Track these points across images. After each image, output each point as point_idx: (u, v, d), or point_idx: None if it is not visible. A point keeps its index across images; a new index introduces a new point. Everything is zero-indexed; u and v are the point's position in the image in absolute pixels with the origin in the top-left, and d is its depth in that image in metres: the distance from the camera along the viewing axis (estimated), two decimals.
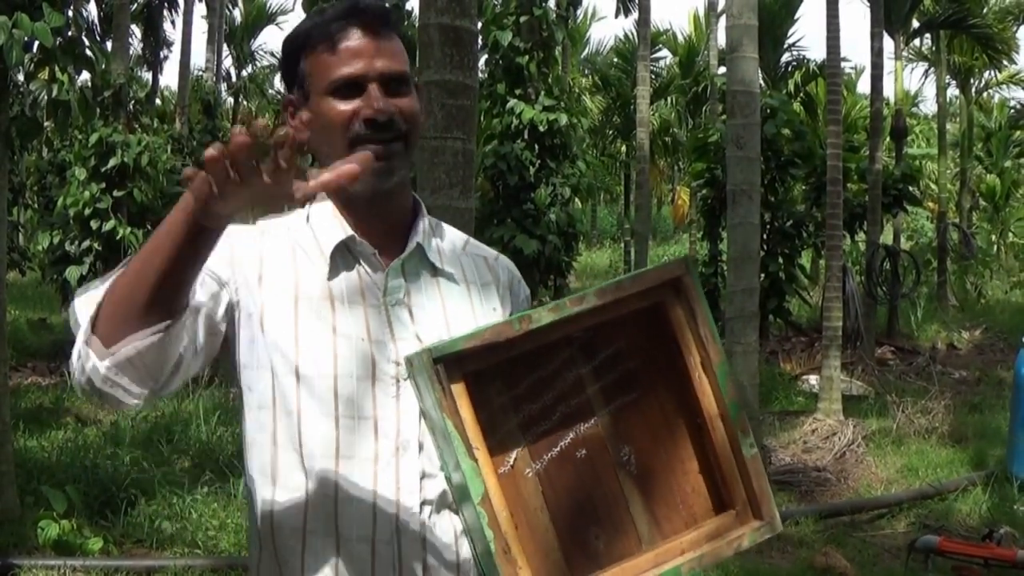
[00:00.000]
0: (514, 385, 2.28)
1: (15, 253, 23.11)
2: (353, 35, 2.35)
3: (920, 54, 33.83)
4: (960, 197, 36.69)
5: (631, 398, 2.39)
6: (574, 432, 2.34)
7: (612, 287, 2.24)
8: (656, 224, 49.40)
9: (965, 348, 21.68)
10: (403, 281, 2.42)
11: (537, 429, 2.31)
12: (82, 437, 12.29)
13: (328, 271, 2.39)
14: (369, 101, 2.32)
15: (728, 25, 10.95)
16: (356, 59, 2.34)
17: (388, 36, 2.39)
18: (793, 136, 20.75)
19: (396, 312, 2.40)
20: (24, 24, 8.47)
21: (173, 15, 33.37)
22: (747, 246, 10.67)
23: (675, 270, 2.31)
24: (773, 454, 12.14)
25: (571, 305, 2.19)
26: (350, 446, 2.31)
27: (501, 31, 16.73)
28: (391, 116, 2.33)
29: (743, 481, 2.34)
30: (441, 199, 5.78)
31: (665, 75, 39.23)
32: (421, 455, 2.34)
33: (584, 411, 2.36)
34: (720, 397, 2.32)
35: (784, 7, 29.25)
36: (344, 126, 2.34)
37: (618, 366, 2.39)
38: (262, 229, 2.45)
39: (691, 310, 2.33)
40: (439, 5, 5.82)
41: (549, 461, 2.31)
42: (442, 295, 2.49)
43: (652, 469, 2.40)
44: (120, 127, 15.67)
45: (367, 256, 2.41)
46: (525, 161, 17.01)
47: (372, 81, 2.33)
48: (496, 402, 2.26)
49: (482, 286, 2.59)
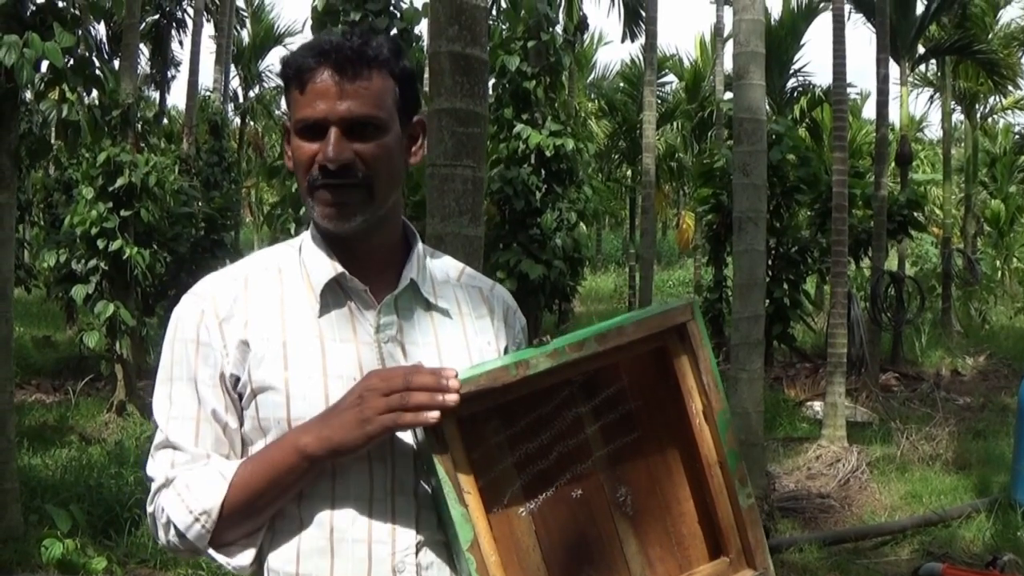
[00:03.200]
0: (512, 423, 2.29)
1: (21, 270, 23.08)
2: (321, 76, 2.33)
3: (926, 80, 33.82)
4: (965, 223, 36.63)
5: (631, 439, 2.41)
6: (570, 472, 2.36)
7: (614, 332, 2.23)
8: (661, 249, 49.36)
9: (969, 374, 21.62)
10: (396, 317, 2.42)
11: (533, 468, 2.32)
12: (86, 456, 12.31)
13: (319, 309, 2.39)
14: (325, 147, 2.32)
15: (735, 52, 10.96)
16: (320, 101, 2.32)
17: (360, 77, 2.34)
18: (799, 162, 20.78)
19: (389, 349, 2.40)
20: (35, 44, 8.49)
21: (181, 35, 33.48)
22: (753, 273, 10.67)
23: (680, 316, 2.31)
24: (777, 480, 12.13)
25: (570, 351, 2.19)
26: (345, 487, 2.31)
27: (509, 56, 16.76)
28: (345, 163, 2.31)
29: (739, 530, 2.35)
30: (450, 226, 5.79)
31: (671, 100, 39.25)
32: (416, 493, 2.34)
33: (582, 451, 2.37)
34: (720, 446, 2.33)
35: (790, 33, 29.29)
36: (306, 168, 2.36)
37: (619, 406, 2.40)
38: (246, 279, 2.45)
39: (695, 356, 2.33)
40: (450, 34, 5.83)
41: (544, 500, 2.33)
42: (436, 330, 2.48)
43: (648, 511, 2.41)
44: (128, 147, 15.69)
45: (358, 293, 2.41)
46: (531, 186, 17.02)
47: (333, 125, 2.32)
48: (492, 440, 2.27)
49: (477, 319, 2.57)
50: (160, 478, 2.33)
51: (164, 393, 2.40)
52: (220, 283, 2.45)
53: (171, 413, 2.37)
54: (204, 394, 2.35)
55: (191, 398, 2.36)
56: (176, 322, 2.42)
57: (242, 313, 2.38)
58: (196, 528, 2.27)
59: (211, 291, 2.42)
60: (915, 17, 23.98)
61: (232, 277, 2.46)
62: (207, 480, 2.28)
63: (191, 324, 2.39)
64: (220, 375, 2.35)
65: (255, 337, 2.35)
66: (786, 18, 29.43)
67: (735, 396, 10.36)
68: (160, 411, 2.39)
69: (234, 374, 2.35)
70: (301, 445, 2.21)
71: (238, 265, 2.52)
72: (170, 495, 2.30)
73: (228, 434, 2.36)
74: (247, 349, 2.35)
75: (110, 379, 16.64)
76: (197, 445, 2.34)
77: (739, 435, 10.20)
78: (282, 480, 2.24)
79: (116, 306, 15.57)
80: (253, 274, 2.46)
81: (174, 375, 2.39)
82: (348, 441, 2.17)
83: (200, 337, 2.37)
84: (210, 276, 2.49)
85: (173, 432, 2.35)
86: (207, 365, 2.35)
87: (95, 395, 17.24)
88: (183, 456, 2.33)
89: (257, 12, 40.02)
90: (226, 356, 2.35)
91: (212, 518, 2.26)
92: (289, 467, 2.23)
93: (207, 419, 2.35)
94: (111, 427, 15.16)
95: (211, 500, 2.25)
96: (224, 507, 2.25)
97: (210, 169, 23.80)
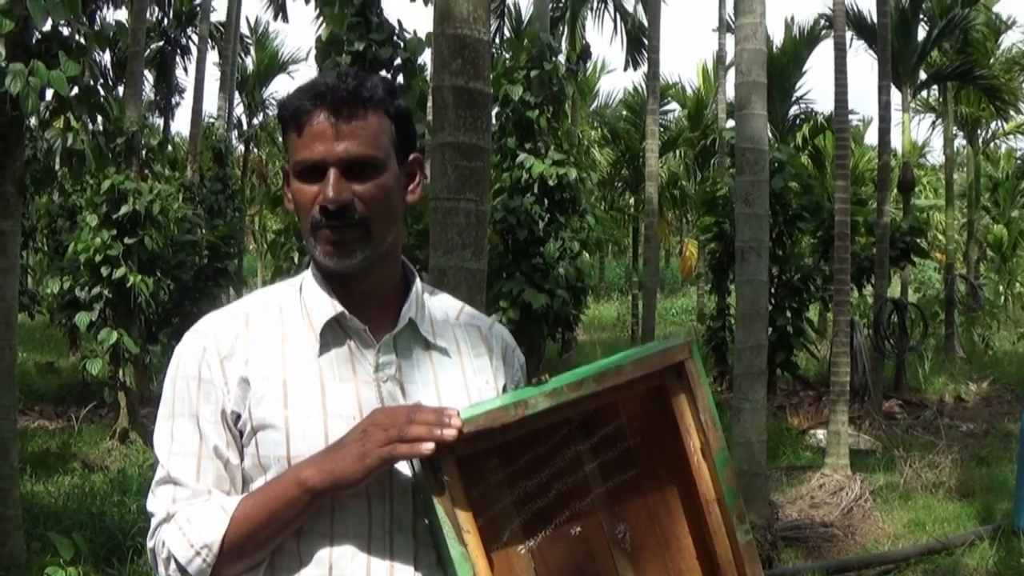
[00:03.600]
0: (511, 462, 2.31)
1: (24, 296, 23.12)
2: (317, 118, 2.35)
3: (927, 105, 33.82)
4: (967, 248, 36.64)
5: (629, 476, 2.42)
6: (570, 509, 2.37)
7: (613, 371, 2.24)
8: (664, 277, 49.30)
9: (973, 400, 21.59)
10: (395, 357, 2.44)
11: (532, 506, 2.34)
12: (89, 483, 12.30)
13: (319, 348, 2.41)
14: (325, 188, 2.34)
15: (737, 82, 10.99)
16: (317, 143, 2.34)
17: (356, 117, 2.36)
18: (801, 190, 20.82)
19: (388, 388, 2.40)
20: (40, 72, 8.52)
21: (185, 62, 33.68)
22: (755, 303, 10.69)
23: (678, 354, 2.31)
24: (780, 510, 12.12)
25: (568, 391, 2.19)
26: (344, 524, 2.31)
27: (512, 85, 16.75)
28: (344, 204, 2.34)
29: (737, 566, 2.34)
30: (454, 260, 5.80)
31: (674, 128, 39.23)
32: (415, 530, 2.35)
33: (581, 489, 2.38)
34: (717, 483, 2.32)
35: (792, 60, 29.33)
36: (306, 210, 2.38)
37: (617, 443, 2.41)
38: (247, 317, 2.47)
39: (693, 394, 2.32)
40: (453, 68, 5.85)
41: (543, 538, 2.34)
42: (434, 369, 2.49)
43: (647, 547, 2.41)
44: (132, 174, 15.72)
45: (357, 332, 2.43)
46: (534, 215, 17.01)
47: (331, 166, 2.34)
48: (491, 478, 2.29)
49: (475, 358, 2.58)
50: (161, 513, 2.34)
51: (166, 429, 2.41)
52: (222, 321, 2.46)
53: (172, 449, 2.38)
54: (206, 431, 2.36)
55: (193, 435, 2.37)
56: (178, 359, 2.44)
57: (243, 351, 2.40)
58: (197, 562, 2.27)
59: (213, 329, 2.44)
60: (916, 43, 24.04)
61: (234, 315, 2.47)
62: (209, 514, 2.29)
63: (193, 361, 2.40)
64: (222, 412, 2.36)
65: (255, 375, 2.37)
66: (788, 45, 29.46)
67: (738, 425, 10.37)
68: (161, 447, 2.40)
69: (235, 411, 2.36)
70: (303, 478, 2.23)
71: (239, 303, 2.54)
72: (171, 529, 2.30)
73: (229, 470, 2.37)
74: (247, 387, 2.36)
75: (113, 406, 16.64)
76: (198, 481, 2.34)
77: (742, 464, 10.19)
78: (283, 514, 2.25)
79: (119, 333, 15.60)
80: (254, 312, 2.47)
81: (176, 411, 2.40)
82: (348, 474, 2.19)
83: (202, 374, 2.38)
84: (212, 314, 2.51)
85: (175, 468, 2.35)
86: (209, 402, 2.37)
87: (98, 422, 17.25)
88: (184, 491, 2.34)
89: (261, 40, 40.14)
90: (227, 393, 2.36)
91: (213, 552, 2.26)
92: (290, 501, 2.24)
93: (208, 455, 2.35)
94: (114, 454, 15.17)
95: (212, 534, 2.26)
96: (225, 541, 2.26)
97: (214, 197, 23.80)
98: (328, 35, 13.54)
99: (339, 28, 13.39)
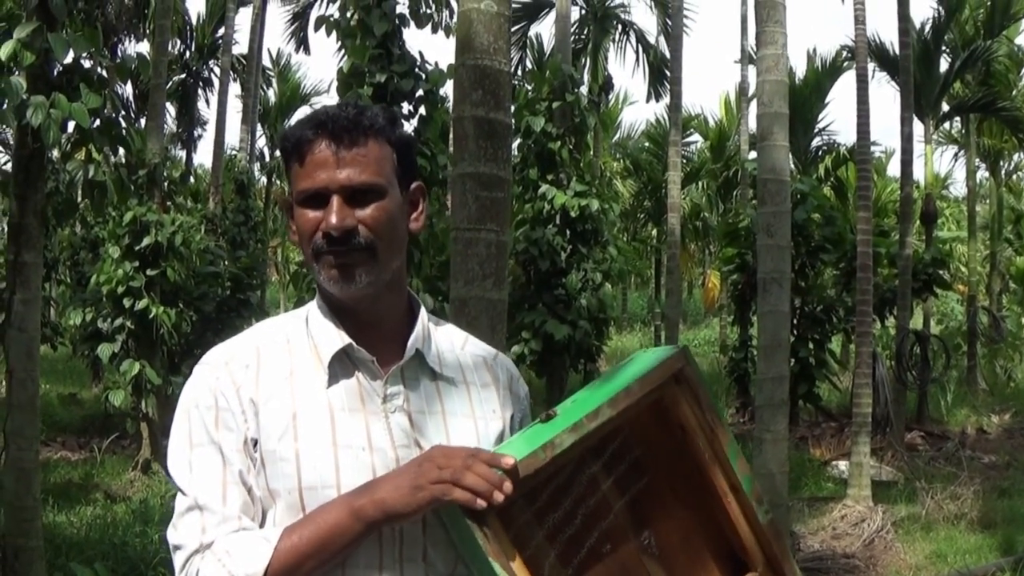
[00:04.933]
0: (535, 499, 2.34)
1: (47, 328, 23.15)
2: (319, 147, 2.37)
3: (950, 137, 33.84)
4: (990, 280, 36.54)
5: (643, 483, 2.47)
6: (597, 530, 2.41)
7: (623, 394, 2.28)
8: (687, 308, 49.28)
9: (995, 432, 21.53)
10: (402, 387, 2.44)
11: (563, 535, 2.37)
12: (111, 514, 12.33)
13: (327, 380, 2.41)
14: (327, 215, 2.35)
15: (759, 113, 10.98)
16: (320, 171, 2.36)
17: (357, 144, 2.38)
18: (823, 221, 20.81)
19: (396, 419, 2.41)
20: (62, 104, 8.54)
21: (208, 94, 33.78)
22: (777, 334, 10.65)
23: (675, 363, 2.37)
24: (802, 540, 12.09)
25: (588, 422, 2.23)
26: (355, 556, 2.30)
27: (534, 117, 16.81)
28: (348, 229, 2.35)
29: (761, 544, 2.40)
30: (474, 290, 5.80)
31: (696, 159, 39.31)
32: (426, 559, 2.35)
33: (603, 508, 2.43)
34: (732, 474, 2.38)
35: (814, 92, 29.34)
36: (309, 237, 2.39)
37: (626, 456, 2.46)
38: (258, 349, 2.47)
39: (695, 396, 2.38)
40: (474, 98, 5.86)
41: (579, 563, 2.37)
42: (442, 400, 2.50)
43: (672, 547, 2.47)
44: (154, 206, 15.79)
45: (365, 363, 2.43)
46: (556, 246, 17.04)
47: (334, 193, 2.35)
48: (521, 519, 2.31)
49: (482, 387, 2.59)
50: (192, 543, 2.30)
51: (183, 461, 2.38)
52: (232, 352, 2.46)
53: (194, 478, 2.35)
54: (230, 456, 2.34)
55: (215, 462, 2.35)
56: (191, 391, 2.43)
57: (253, 383, 2.40)
58: None
59: (224, 359, 2.44)
60: (939, 75, 24.06)
61: (243, 347, 2.47)
62: (250, 545, 2.25)
63: (207, 392, 2.39)
64: (243, 439, 2.35)
65: (265, 408, 2.37)
66: (810, 76, 29.49)
67: (759, 457, 10.33)
68: (181, 477, 2.37)
69: (254, 437, 2.35)
70: (356, 507, 2.22)
71: (247, 335, 2.53)
72: (209, 561, 2.26)
73: (252, 495, 2.34)
74: (258, 416, 2.36)
75: (135, 437, 16.70)
76: (226, 505, 2.31)
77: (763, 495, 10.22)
78: (333, 544, 2.24)
79: (142, 365, 15.65)
80: (263, 345, 2.48)
81: (194, 441, 2.38)
82: (400, 506, 2.19)
83: (219, 403, 2.37)
84: (221, 346, 2.51)
85: (200, 495, 2.32)
86: (229, 430, 2.36)
87: (120, 453, 17.30)
88: (213, 517, 2.30)
89: (283, 72, 40.30)
90: (246, 421, 2.36)
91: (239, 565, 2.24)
92: (342, 530, 2.23)
93: (234, 481, 2.33)
94: (136, 485, 15.20)
95: (255, 566, 2.23)
96: (268, 572, 2.22)
97: (236, 228, 23.87)
98: (350, 67, 13.58)
99: (360, 60, 13.44)
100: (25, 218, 9.05)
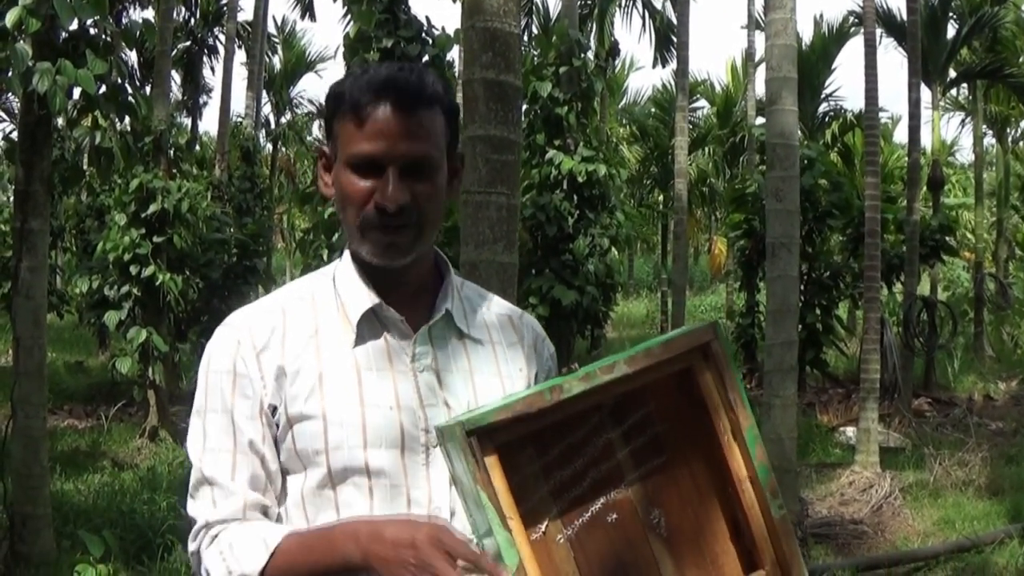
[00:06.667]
0: (545, 452, 2.30)
1: (53, 296, 23.20)
2: (381, 111, 2.28)
3: (957, 104, 33.77)
4: (997, 247, 36.54)
5: (660, 461, 2.42)
6: (605, 497, 2.37)
7: (642, 354, 2.24)
8: (693, 274, 49.27)
9: (1002, 399, 21.51)
10: (431, 347, 2.41)
11: (568, 495, 2.34)
12: (119, 481, 12.35)
13: (355, 339, 2.38)
14: (384, 187, 2.28)
15: (767, 78, 10.96)
16: (379, 138, 2.28)
17: (419, 114, 2.30)
18: (831, 187, 20.77)
19: (424, 379, 2.39)
20: (67, 71, 8.52)
21: (213, 61, 33.83)
22: (786, 299, 10.64)
23: (703, 336, 2.32)
24: (810, 507, 12.09)
25: (601, 374, 2.20)
26: (382, 515, 2.30)
27: (541, 82, 16.76)
28: (403, 206, 2.28)
29: (772, 542, 2.35)
30: (485, 254, 5.78)
31: (703, 125, 39.16)
32: (452, 521, 2.33)
33: (614, 476, 2.38)
34: (749, 460, 2.33)
35: (822, 58, 29.26)
36: (358, 206, 2.32)
37: (647, 430, 2.41)
38: (283, 309, 2.43)
39: (720, 375, 2.33)
40: (483, 61, 5.82)
41: (580, 527, 2.34)
42: (469, 359, 2.49)
43: (682, 531, 2.41)
44: (160, 173, 15.77)
45: (394, 323, 2.40)
46: (564, 212, 17.00)
47: (391, 164, 2.28)
48: (527, 469, 2.28)
49: (508, 346, 2.58)
50: (201, 519, 2.34)
51: (198, 427, 2.39)
52: (256, 314, 2.43)
53: (206, 446, 2.36)
54: (241, 424, 2.33)
55: (226, 430, 2.35)
56: (210, 354, 2.41)
57: (279, 343, 2.37)
58: None
59: (247, 322, 2.41)
60: (946, 41, 23.97)
61: (268, 309, 2.44)
62: (250, 544, 2.27)
63: (226, 355, 2.38)
64: (260, 406, 2.34)
65: (291, 367, 2.34)
66: (817, 43, 29.40)
67: (768, 422, 10.34)
68: (194, 446, 2.38)
69: (272, 403, 2.33)
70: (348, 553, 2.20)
71: (272, 297, 2.50)
72: (213, 551, 2.30)
73: (265, 466, 2.34)
74: (284, 379, 2.34)
75: (142, 405, 16.71)
76: (234, 479, 2.32)
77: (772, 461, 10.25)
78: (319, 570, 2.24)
79: (148, 332, 15.64)
80: (289, 304, 2.44)
81: (208, 407, 2.38)
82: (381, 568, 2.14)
83: (237, 368, 2.35)
84: (245, 308, 2.48)
85: (208, 466, 2.34)
86: (244, 396, 2.34)
87: (127, 420, 17.30)
88: (221, 492, 2.33)
89: (288, 39, 40.28)
90: (264, 387, 2.33)
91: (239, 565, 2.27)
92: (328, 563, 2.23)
93: (244, 451, 2.33)
94: (143, 452, 15.21)
95: (251, 566, 2.25)
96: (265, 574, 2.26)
97: (242, 195, 23.86)
98: (356, 33, 13.56)
99: (367, 26, 13.41)
100: (31, 185, 9.05)
